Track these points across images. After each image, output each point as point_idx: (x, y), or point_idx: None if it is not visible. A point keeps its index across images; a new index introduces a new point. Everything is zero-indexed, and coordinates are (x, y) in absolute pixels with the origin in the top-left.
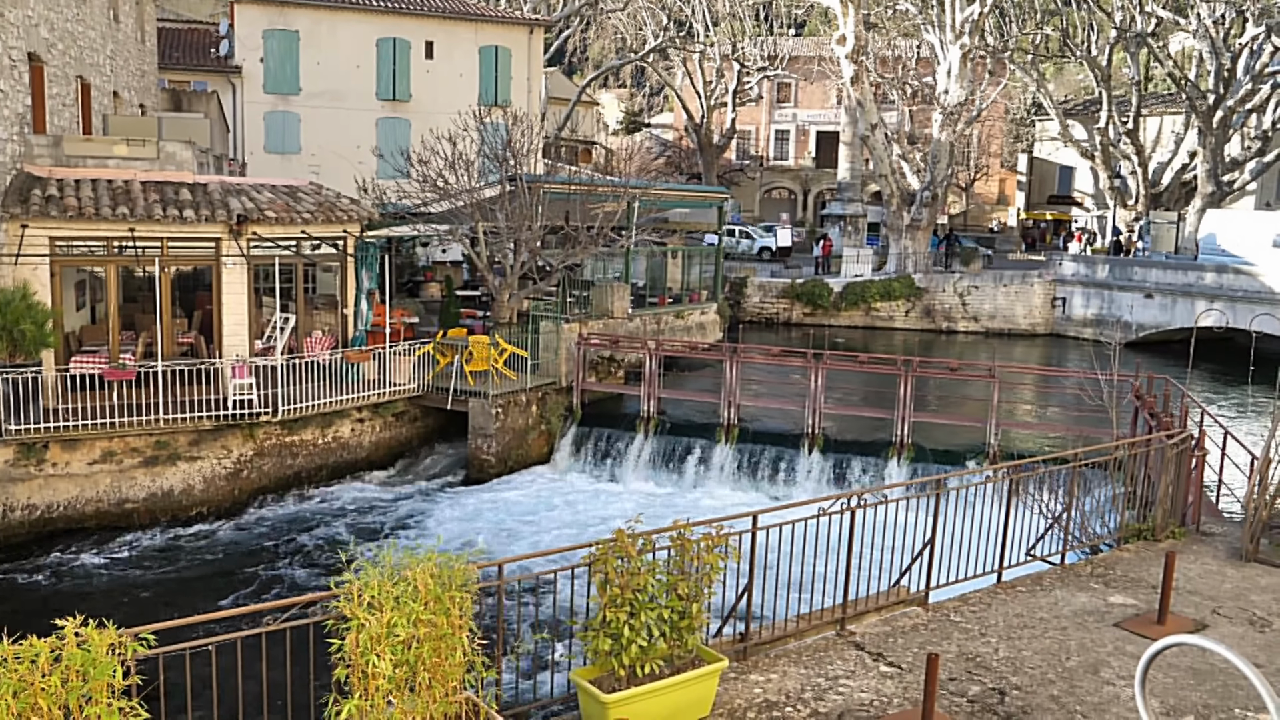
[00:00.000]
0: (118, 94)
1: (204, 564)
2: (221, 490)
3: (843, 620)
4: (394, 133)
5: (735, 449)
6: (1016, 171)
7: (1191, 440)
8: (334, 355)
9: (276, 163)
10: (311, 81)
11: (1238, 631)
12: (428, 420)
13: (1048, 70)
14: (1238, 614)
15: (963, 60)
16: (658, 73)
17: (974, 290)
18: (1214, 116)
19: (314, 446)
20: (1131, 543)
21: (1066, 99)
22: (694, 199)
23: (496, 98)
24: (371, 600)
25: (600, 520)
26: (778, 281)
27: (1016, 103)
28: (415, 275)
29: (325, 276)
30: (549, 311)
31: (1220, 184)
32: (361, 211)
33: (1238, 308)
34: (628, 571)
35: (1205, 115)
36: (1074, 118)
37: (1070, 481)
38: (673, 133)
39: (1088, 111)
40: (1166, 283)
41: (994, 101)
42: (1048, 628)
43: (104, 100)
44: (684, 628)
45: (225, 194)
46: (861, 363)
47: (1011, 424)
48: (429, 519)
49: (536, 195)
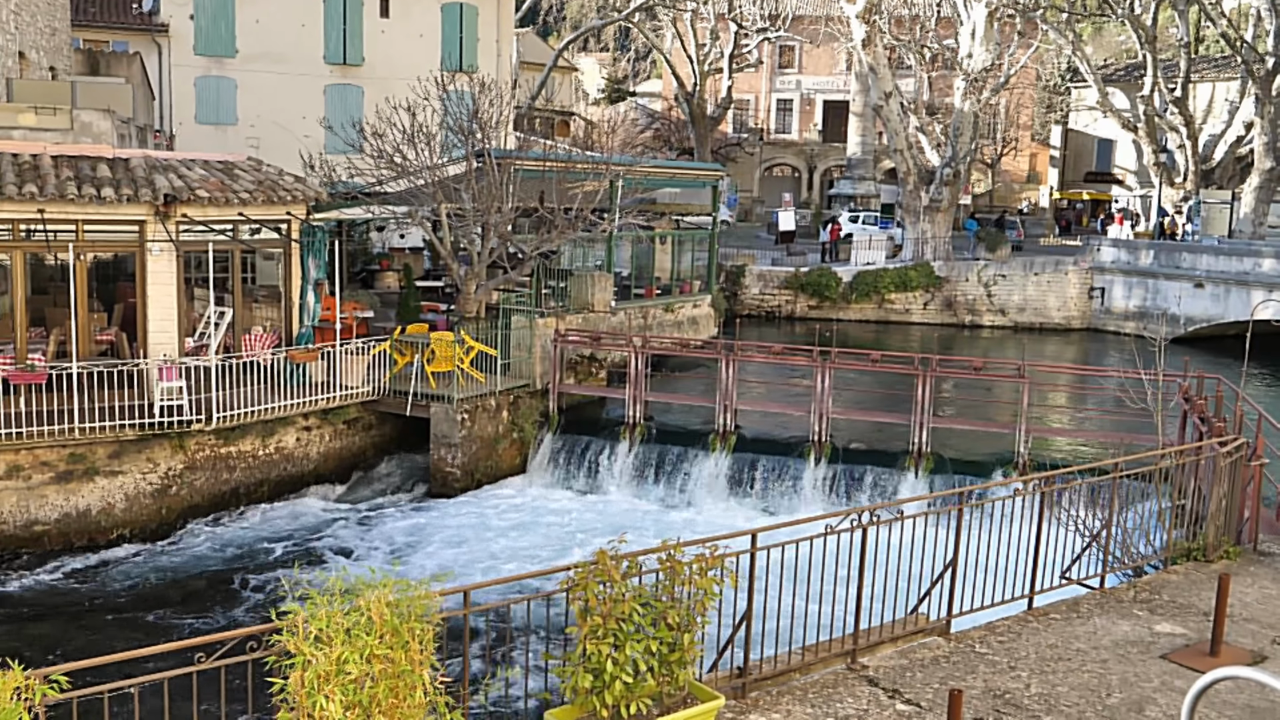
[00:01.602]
0: (23, 55)
1: (126, 594)
2: (146, 510)
3: (854, 652)
4: (344, 101)
5: (732, 459)
6: (1049, 146)
7: (1248, 448)
8: (276, 354)
9: (209, 135)
10: (249, 42)
11: None
12: (384, 428)
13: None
14: None
15: (989, 20)
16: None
17: (1001, 279)
18: (1273, 82)
19: (254, 459)
20: (1180, 564)
21: (1106, 63)
22: (685, 177)
23: (461, 62)
24: (319, 633)
25: (580, 540)
26: (779, 270)
27: (1049, 68)
28: (369, 264)
29: (266, 265)
30: (521, 305)
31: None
32: (308, 191)
33: None
34: (611, 598)
35: (1263, 81)
36: (1114, 84)
37: (1110, 495)
38: (661, 103)
39: (1130, 77)
40: (1219, 270)
41: (1024, 66)
42: (1086, 660)
43: (7, 63)
44: (675, 661)
45: (150, 170)
46: (874, 361)
47: (1043, 430)
48: (386, 540)
49: (507, 173)
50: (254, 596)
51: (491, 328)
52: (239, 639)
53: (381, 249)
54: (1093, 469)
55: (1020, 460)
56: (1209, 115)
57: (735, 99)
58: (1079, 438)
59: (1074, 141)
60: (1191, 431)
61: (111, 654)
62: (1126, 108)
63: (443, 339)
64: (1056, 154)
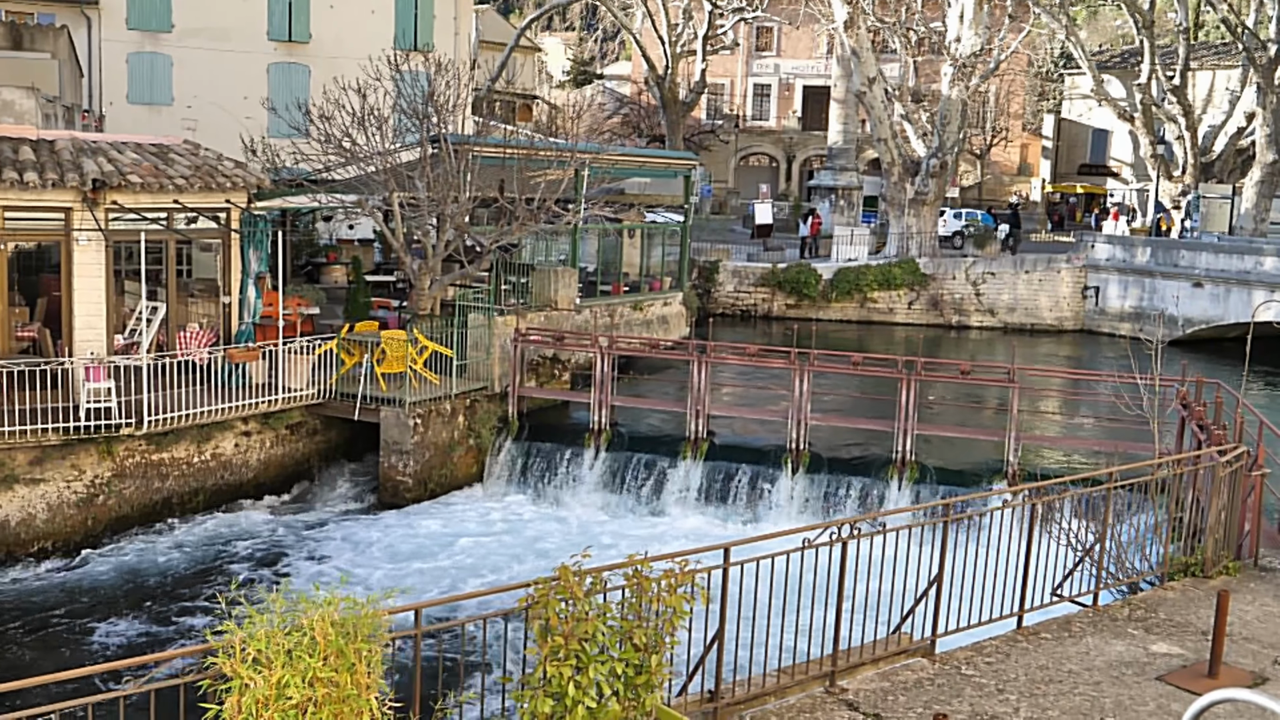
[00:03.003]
0: None
1: (47, 612)
2: (71, 521)
3: (833, 674)
4: (289, 81)
5: (704, 468)
6: (1041, 136)
7: (1248, 457)
8: (214, 353)
9: (143, 115)
10: (187, 16)
11: None
12: (330, 433)
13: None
14: None
15: (978, 2)
16: (612, 12)
17: (989, 277)
18: (1276, 71)
19: (188, 466)
20: (1177, 580)
21: (1101, 49)
22: (656, 166)
23: (416, 41)
24: (258, 655)
25: (540, 554)
26: (756, 266)
27: (1042, 54)
28: (316, 256)
29: (204, 257)
30: (479, 302)
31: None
32: (249, 177)
33: None
34: (573, 617)
35: (1265, 69)
36: (1110, 72)
37: (1104, 507)
38: (630, 86)
39: (1126, 64)
40: (1219, 269)
41: (1015, 52)
42: (1078, 682)
43: None
44: (641, 685)
45: (78, 153)
46: (855, 364)
47: (1034, 438)
48: (331, 554)
49: (465, 160)
50: (187, 616)
51: (447, 326)
52: (170, 660)
53: (329, 240)
54: (1086, 479)
55: (1009, 470)
56: (1209, 105)
57: (709, 83)
58: (1071, 446)
59: (1067, 132)
60: (1190, 440)
61: (29, 677)
62: (1122, 96)
63: (394, 338)
64: (1049, 145)
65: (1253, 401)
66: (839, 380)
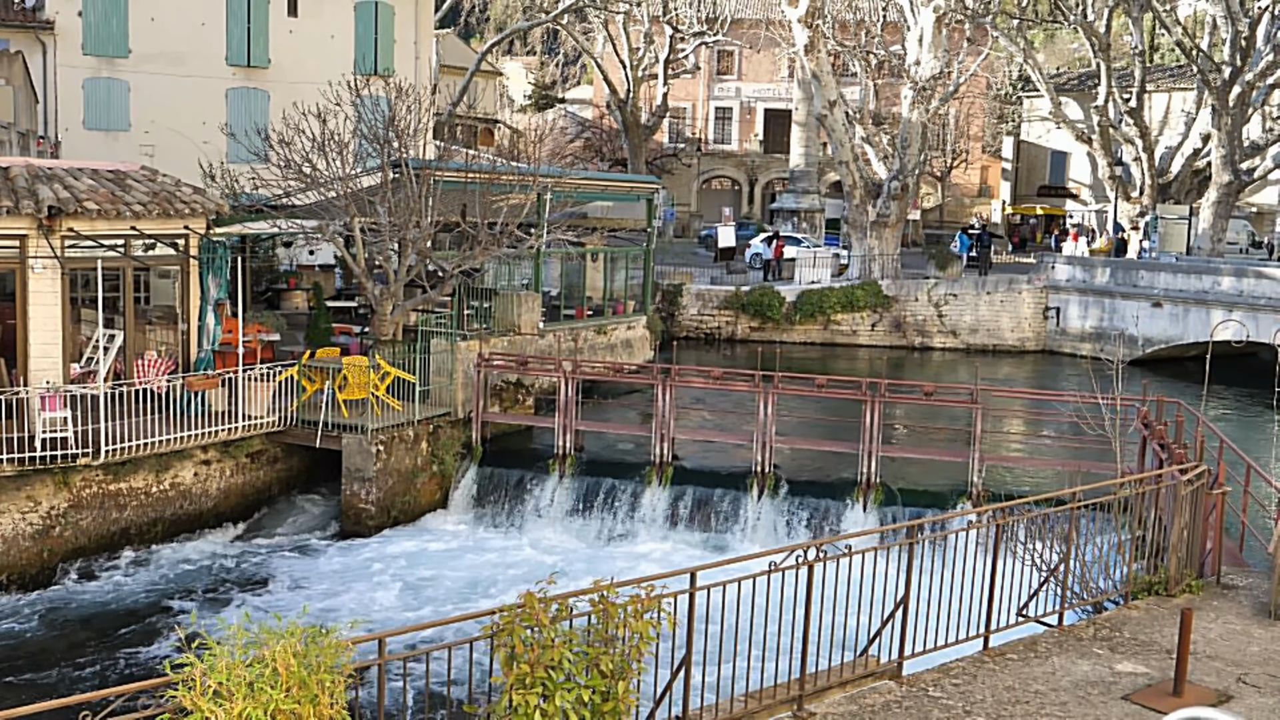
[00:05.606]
0: None
1: (1, 647)
2: (26, 553)
3: (800, 698)
4: (249, 106)
5: (669, 492)
6: (1001, 158)
7: (1209, 476)
8: (173, 381)
9: (100, 141)
10: (144, 41)
11: (1267, 704)
12: (291, 461)
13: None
14: (1267, 682)
15: (937, 25)
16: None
17: (951, 299)
18: (1230, 93)
19: (147, 496)
20: (1141, 599)
21: (1059, 71)
22: (618, 190)
23: (376, 65)
24: (218, 687)
25: (505, 581)
26: (719, 289)
27: (1000, 76)
28: (276, 282)
29: (162, 284)
30: (442, 327)
31: (1238, 172)
32: (208, 203)
33: (1260, 318)
34: (539, 644)
35: (1220, 91)
36: (1067, 94)
37: (1068, 527)
38: (592, 110)
39: (1084, 86)
40: (1178, 289)
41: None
42: (1044, 702)
43: None
44: (609, 712)
45: (33, 180)
46: (819, 387)
47: (997, 459)
48: (292, 584)
49: (426, 185)
50: (146, 648)
51: (409, 351)
52: (128, 694)
53: (289, 266)
54: (1049, 499)
55: (974, 491)
56: (1165, 127)
57: (671, 107)
58: (1035, 466)
59: (1026, 153)
60: (1151, 459)
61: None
62: (1080, 118)
63: (356, 364)
64: (1008, 166)
65: (1212, 420)
66: (804, 403)
